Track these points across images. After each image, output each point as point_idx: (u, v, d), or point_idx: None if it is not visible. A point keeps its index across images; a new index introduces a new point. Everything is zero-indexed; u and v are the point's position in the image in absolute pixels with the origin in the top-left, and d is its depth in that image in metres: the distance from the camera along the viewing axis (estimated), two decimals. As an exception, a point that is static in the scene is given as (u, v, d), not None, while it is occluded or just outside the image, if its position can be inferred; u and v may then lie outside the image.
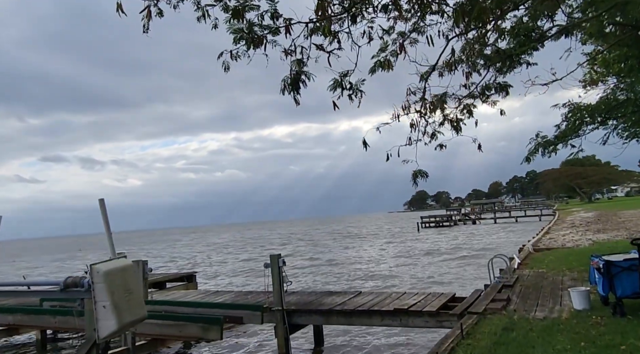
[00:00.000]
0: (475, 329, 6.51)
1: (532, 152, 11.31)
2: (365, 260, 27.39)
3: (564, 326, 6.10)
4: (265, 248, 45.16)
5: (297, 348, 9.28)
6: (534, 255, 15.14)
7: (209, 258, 38.53)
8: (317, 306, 8.52)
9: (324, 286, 18.31)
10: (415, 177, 6.76)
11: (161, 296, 10.99)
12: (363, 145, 6.65)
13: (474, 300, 8.01)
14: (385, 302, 8.39)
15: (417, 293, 9.09)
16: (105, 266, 4.65)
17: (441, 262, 24.04)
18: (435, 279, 18.10)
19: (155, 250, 57.88)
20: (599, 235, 20.30)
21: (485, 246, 30.43)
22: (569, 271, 10.75)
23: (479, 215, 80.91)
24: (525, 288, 9.02)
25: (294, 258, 31.04)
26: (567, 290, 8.58)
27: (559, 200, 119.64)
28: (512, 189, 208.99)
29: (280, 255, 8.60)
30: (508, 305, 7.69)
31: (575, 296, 6.94)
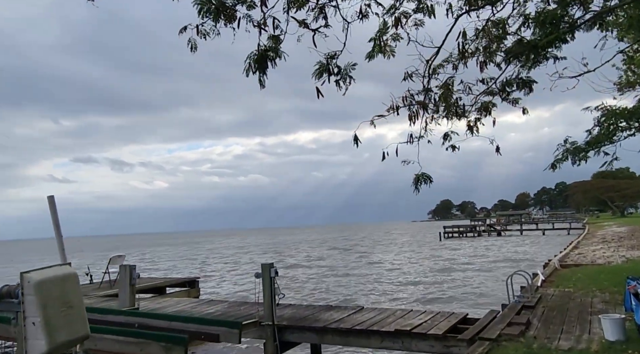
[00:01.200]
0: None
1: (559, 159, 10.22)
2: (377, 270, 26.36)
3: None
4: (284, 253, 44.51)
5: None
6: (561, 272, 13.92)
7: (234, 261, 38.08)
8: (312, 322, 7.70)
9: (334, 295, 17.44)
10: (417, 181, 5.89)
11: (153, 303, 10.34)
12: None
13: (488, 323, 7.05)
14: (388, 321, 7.50)
15: (424, 312, 8.17)
16: (39, 275, 3.94)
17: (459, 275, 22.79)
18: (448, 294, 16.98)
19: (183, 252, 58.02)
20: (633, 252, 18.80)
21: (507, 258, 28.95)
22: (599, 291, 9.62)
23: (505, 227, 78.46)
24: (549, 311, 7.98)
25: (305, 268, 30.24)
26: (597, 315, 7.52)
27: (589, 213, 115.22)
28: (540, 201, 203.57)
29: (272, 265, 7.83)
30: (527, 330, 6.70)
31: (608, 324, 5.92)
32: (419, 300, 15.97)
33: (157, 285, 13.86)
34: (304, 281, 22.91)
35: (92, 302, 10.62)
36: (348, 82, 5.01)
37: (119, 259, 13.68)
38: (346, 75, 5.00)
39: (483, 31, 6.06)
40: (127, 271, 9.08)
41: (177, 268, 33.44)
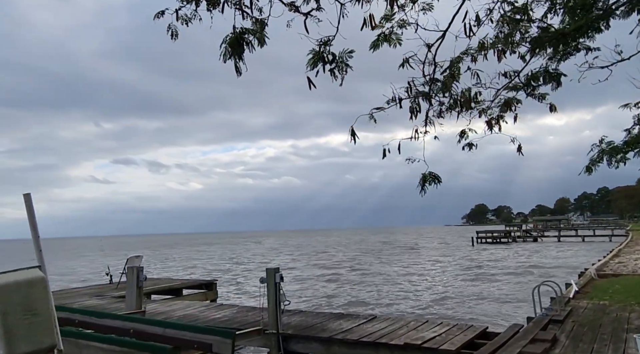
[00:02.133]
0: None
1: (594, 160, 9.38)
2: (399, 276, 25.58)
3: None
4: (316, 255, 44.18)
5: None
6: (597, 282, 12.94)
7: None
8: (319, 331, 7.27)
9: (352, 299, 16.87)
10: (424, 181, 5.36)
11: (163, 306, 10.16)
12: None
13: (509, 338, 6.43)
14: (399, 333, 6.98)
15: (440, 323, 7.59)
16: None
17: (487, 281, 21.78)
18: (469, 303, 16.13)
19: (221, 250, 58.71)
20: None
21: (542, 266, 27.57)
22: (638, 305, 8.76)
23: (542, 233, 75.55)
24: (579, 326, 7.26)
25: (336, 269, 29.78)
26: (634, 333, 6.76)
27: (634, 219, 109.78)
28: (580, 206, 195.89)
29: (278, 269, 7.45)
30: (552, 349, 6.05)
31: (644, 345, 5.22)
32: (437, 306, 15.25)
33: (174, 287, 13.74)
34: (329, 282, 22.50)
35: (104, 303, 10.55)
36: (344, 71, 4.56)
37: (137, 259, 13.63)
38: (342, 63, 4.55)
39: (501, 16, 5.47)
40: (134, 273, 8.91)
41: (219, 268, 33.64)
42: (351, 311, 14.34)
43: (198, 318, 8.60)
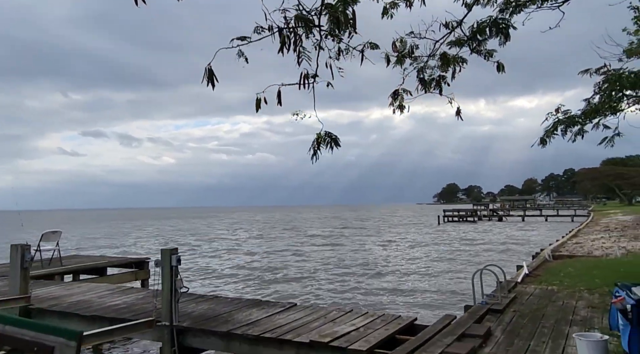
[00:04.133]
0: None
1: (549, 131, 8.48)
2: (357, 251, 24.86)
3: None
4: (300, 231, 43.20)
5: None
6: (551, 264, 12.30)
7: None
8: (220, 324, 6.17)
9: (290, 276, 15.91)
10: (318, 144, 4.21)
11: (59, 289, 8.89)
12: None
13: (435, 333, 5.48)
14: (312, 325, 5.96)
15: (365, 314, 6.61)
16: None
17: (432, 262, 21.21)
18: (409, 286, 15.38)
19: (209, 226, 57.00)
20: (636, 243, 17.12)
21: (502, 244, 27.32)
22: (587, 292, 8.02)
23: (507, 212, 76.67)
24: (520, 317, 6.40)
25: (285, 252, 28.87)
26: (578, 326, 5.92)
27: (597, 200, 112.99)
28: (547, 187, 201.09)
29: (176, 250, 6.28)
30: (482, 347, 5.13)
31: (584, 348, 4.32)
32: (376, 280, 14.47)
33: (97, 265, 12.43)
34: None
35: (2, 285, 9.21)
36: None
37: (54, 236, 12.23)
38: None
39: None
40: (19, 252, 7.60)
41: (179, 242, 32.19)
42: (276, 297, 13.34)
43: (91, 306, 7.40)
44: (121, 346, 8.49)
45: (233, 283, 16.47)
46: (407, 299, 13.03)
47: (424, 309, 11.48)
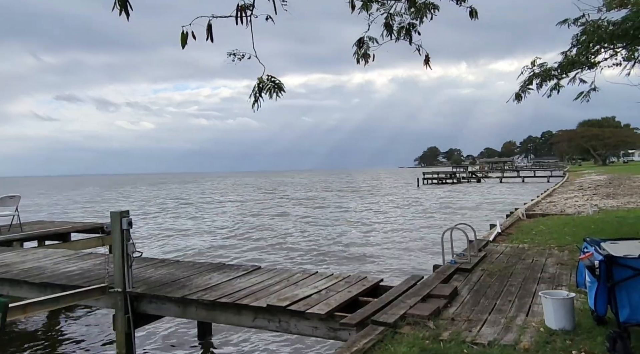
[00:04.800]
0: (374, 353, 3.80)
1: (524, 85, 8.15)
2: (335, 212, 24.82)
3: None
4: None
5: (158, 349, 6.70)
6: (524, 223, 12.30)
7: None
8: (177, 289, 5.85)
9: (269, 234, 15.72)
10: (260, 90, 3.73)
11: (13, 255, 8.43)
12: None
13: (399, 295, 5.27)
14: (273, 289, 5.69)
15: (330, 275, 6.37)
16: None
17: (407, 223, 21.27)
18: (382, 247, 15.36)
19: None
20: (607, 201, 17.33)
21: (477, 204, 27.59)
22: (558, 249, 7.94)
23: (486, 174, 77.75)
24: (488, 276, 6.25)
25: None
26: (544, 283, 5.79)
27: (572, 161, 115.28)
28: (525, 149, 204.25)
29: (127, 213, 5.87)
30: (448, 307, 4.94)
31: (550, 306, 4.13)
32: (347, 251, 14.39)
33: (59, 231, 11.91)
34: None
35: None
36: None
37: (11, 200, 11.62)
38: None
39: None
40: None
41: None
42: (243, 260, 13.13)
43: (43, 272, 6.99)
44: (86, 314, 8.17)
45: (212, 243, 16.19)
46: (378, 260, 12.96)
47: (394, 271, 11.41)
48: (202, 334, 6.91)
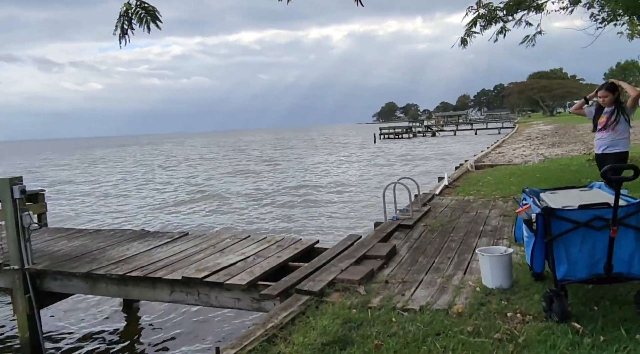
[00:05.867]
0: (292, 329, 3.36)
1: (469, 29, 7.65)
2: (290, 168, 24.36)
3: (449, 335, 2.98)
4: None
5: (74, 328, 6.08)
6: (472, 174, 12.21)
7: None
8: (83, 264, 5.19)
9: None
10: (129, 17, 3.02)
11: None
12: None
13: (333, 257, 4.84)
14: (195, 258, 5.14)
15: (261, 239, 5.87)
16: None
17: (359, 178, 21.12)
18: (330, 204, 15.11)
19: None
20: (553, 149, 17.65)
21: (428, 157, 27.79)
22: (502, 200, 7.76)
23: (441, 127, 78.92)
24: (429, 232, 5.93)
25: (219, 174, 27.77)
26: (487, 237, 5.53)
27: (522, 113, 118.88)
28: (479, 102, 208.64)
29: (19, 179, 5.06)
30: (382, 269, 4.56)
31: (487, 264, 3.80)
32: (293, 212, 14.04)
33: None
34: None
35: None
36: None
37: None
38: None
39: None
40: None
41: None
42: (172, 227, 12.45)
43: None
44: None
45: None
46: (325, 218, 12.64)
47: (340, 228, 11.08)
48: (127, 309, 6.34)
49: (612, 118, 5.15)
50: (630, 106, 5.15)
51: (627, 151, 5.29)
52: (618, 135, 5.16)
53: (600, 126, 5.28)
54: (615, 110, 5.16)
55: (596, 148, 5.46)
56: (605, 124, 5.20)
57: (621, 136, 5.18)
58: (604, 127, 5.22)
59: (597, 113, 5.38)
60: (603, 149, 5.28)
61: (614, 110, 5.17)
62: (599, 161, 5.43)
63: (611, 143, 5.19)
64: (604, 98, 5.16)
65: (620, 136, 5.17)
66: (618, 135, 5.16)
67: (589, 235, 2.95)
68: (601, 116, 5.29)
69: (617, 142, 5.18)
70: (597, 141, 5.41)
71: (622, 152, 5.19)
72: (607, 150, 5.23)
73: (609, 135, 5.20)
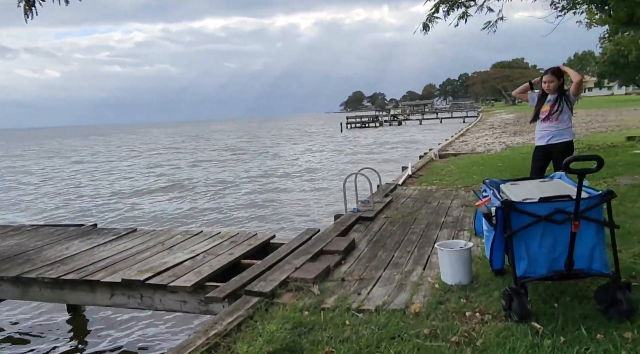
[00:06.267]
0: (237, 336, 3.08)
1: (430, 14, 7.47)
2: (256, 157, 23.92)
3: (404, 339, 2.78)
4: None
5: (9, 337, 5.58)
6: (435, 163, 12.18)
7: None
8: (14, 266, 4.73)
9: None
10: None
11: None
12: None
13: (288, 254, 4.58)
14: (141, 257, 4.77)
15: (215, 235, 5.54)
16: None
17: (323, 169, 20.97)
18: (295, 191, 14.90)
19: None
20: (515, 138, 17.94)
21: (394, 146, 27.90)
22: (464, 189, 7.69)
23: (407, 116, 79.62)
24: (390, 224, 5.75)
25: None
26: (448, 229, 5.39)
27: (486, 102, 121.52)
28: (444, 92, 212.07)
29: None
30: (340, 265, 4.34)
31: (445, 259, 3.62)
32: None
33: None
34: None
35: None
36: None
37: None
38: None
39: None
40: None
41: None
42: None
43: None
44: None
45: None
46: (285, 209, 12.35)
47: (300, 221, 10.77)
48: (72, 312, 5.88)
49: (556, 107, 4.85)
50: (574, 93, 4.90)
51: (572, 140, 5.05)
52: (563, 125, 4.90)
53: (544, 115, 4.97)
54: (559, 98, 4.87)
55: (538, 139, 5.11)
56: (549, 113, 4.90)
57: (566, 125, 4.91)
58: (548, 117, 4.92)
59: (539, 101, 5.05)
60: (548, 140, 4.98)
61: (557, 98, 4.87)
62: (541, 153, 5.12)
63: (556, 133, 4.92)
64: (549, 84, 4.85)
65: (565, 125, 4.91)
66: (563, 125, 4.90)
67: (549, 230, 2.80)
68: (544, 104, 4.97)
69: (562, 132, 4.91)
70: (541, 132, 5.06)
71: (569, 140, 4.97)
72: (552, 141, 4.95)
73: (553, 125, 4.91)
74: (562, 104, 4.84)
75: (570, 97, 4.90)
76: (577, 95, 4.97)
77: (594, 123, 22.79)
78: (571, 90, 4.91)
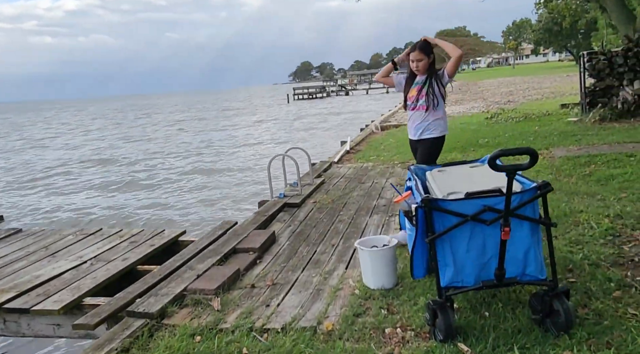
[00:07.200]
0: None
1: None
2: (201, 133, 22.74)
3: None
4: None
5: None
6: (375, 137, 11.77)
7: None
8: None
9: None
10: None
11: None
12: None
13: (194, 255, 3.94)
14: (16, 266, 3.96)
15: (115, 233, 4.78)
16: None
17: (263, 145, 20.27)
18: (234, 171, 14.15)
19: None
20: (455, 107, 17.86)
21: (339, 116, 27.43)
22: (400, 166, 7.29)
23: (354, 86, 79.24)
24: (318, 211, 5.22)
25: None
26: (379, 215, 4.92)
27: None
28: (390, 60, 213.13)
29: None
30: (253, 266, 3.76)
31: (367, 260, 3.12)
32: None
33: None
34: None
35: None
36: None
37: None
38: None
39: None
40: None
41: None
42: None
43: None
44: None
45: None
46: (212, 192, 11.57)
47: (227, 207, 10.02)
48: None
49: (424, 92, 3.83)
50: (449, 73, 3.84)
51: (444, 135, 3.97)
52: (432, 116, 3.86)
53: (410, 101, 3.94)
54: (428, 79, 3.85)
55: (410, 131, 4.11)
56: (416, 99, 3.88)
57: (435, 116, 3.87)
58: (415, 105, 3.91)
59: (407, 84, 4.01)
60: (419, 134, 3.98)
61: (426, 81, 3.85)
62: (412, 148, 4.21)
63: (426, 127, 3.91)
64: (418, 62, 3.83)
65: (434, 116, 3.87)
66: (432, 116, 3.86)
67: (477, 230, 2.32)
68: (411, 88, 3.95)
69: (432, 125, 3.89)
70: (409, 123, 4.06)
71: (437, 137, 3.92)
72: (423, 136, 3.95)
73: (421, 115, 3.88)
74: (433, 88, 3.83)
75: (443, 78, 3.87)
76: (453, 75, 3.92)
77: (531, 91, 23.25)
78: (447, 68, 3.85)
